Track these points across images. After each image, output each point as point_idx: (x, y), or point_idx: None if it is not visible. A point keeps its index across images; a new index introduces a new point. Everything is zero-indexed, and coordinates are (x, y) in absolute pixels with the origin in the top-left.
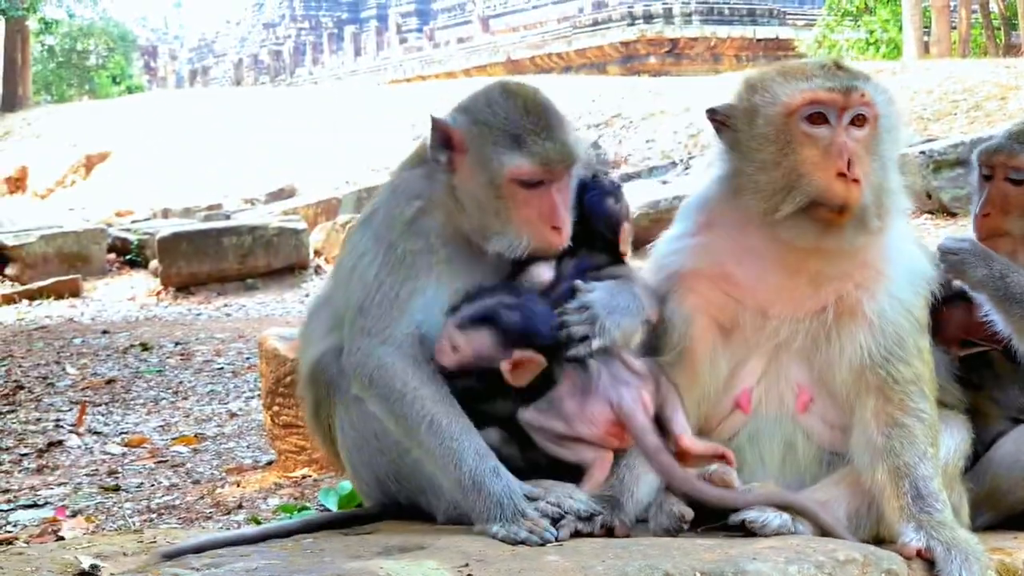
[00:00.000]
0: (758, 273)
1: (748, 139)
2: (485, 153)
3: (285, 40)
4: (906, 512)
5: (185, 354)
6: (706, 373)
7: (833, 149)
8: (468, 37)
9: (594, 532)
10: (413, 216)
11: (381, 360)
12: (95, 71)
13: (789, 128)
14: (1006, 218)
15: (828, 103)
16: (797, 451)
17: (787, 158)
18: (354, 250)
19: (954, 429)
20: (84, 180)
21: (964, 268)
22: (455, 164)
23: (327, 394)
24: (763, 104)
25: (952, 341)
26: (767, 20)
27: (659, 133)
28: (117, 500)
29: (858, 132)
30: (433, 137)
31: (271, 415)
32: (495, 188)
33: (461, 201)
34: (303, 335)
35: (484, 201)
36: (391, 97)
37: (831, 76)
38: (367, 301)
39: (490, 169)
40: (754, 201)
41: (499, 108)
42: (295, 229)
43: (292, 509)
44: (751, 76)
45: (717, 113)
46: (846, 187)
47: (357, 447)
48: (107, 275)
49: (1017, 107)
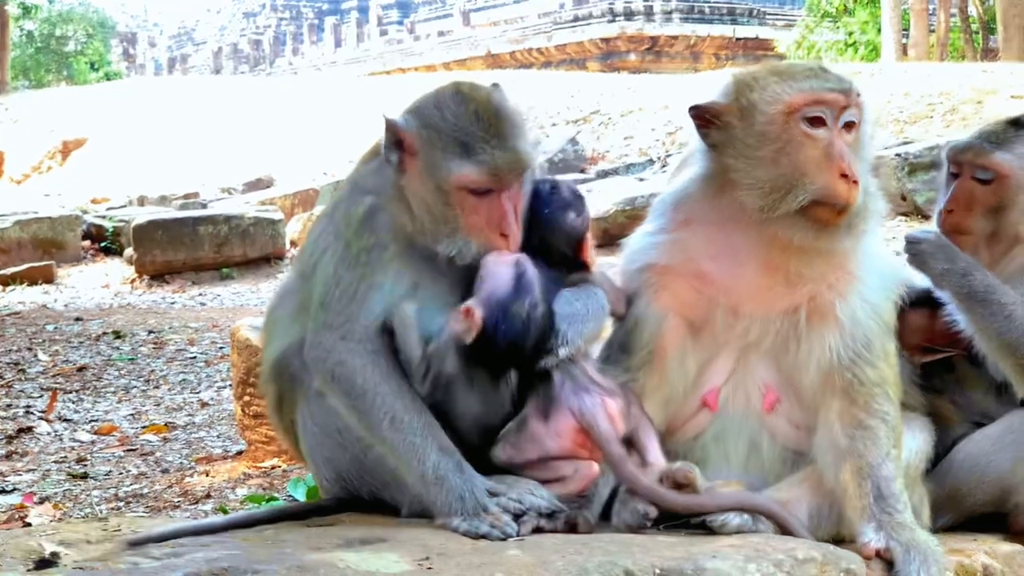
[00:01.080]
0: (734, 271)
1: (744, 136)
2: (434, 158)
3: (265, 29)
4: (867, 512)
5: (158, 343)
6: (675, 371)
7: (834, 150)
8: (448, 31)
9: (557, 528)
10: (366, 213)
11: (341, 356)
12: (73, 57)
13: (789, 127)
14: (969, 216)
15: (830, 103)
16: (762, 450)
17: (787, 157)
18: (316, 244)
19: (916, 431)
20: (60, 166)
21: (927, 260)
22: (405, 165)
23: (290, 388)
24: (762, 102)
25: (915, 348)
26: (747, 20)
27: (637, 130)
28: (85, 488)
29: (848, 135)
30: (386, 137)
31: (242, 405)
32: (443, 194)
33: (410, 202)
34: (267, 326)
35: (432, 205)
36: (370, 89)
37: (827, 78)
38: (328, 296)
39: (438, 175)
40: (750, 198)
41: (449, 113)
42: (272, 219)
43: (260, 499)
44: (743, 75)
45: (702, 110)
46: (848, 187)
47: (319, 442)
48: (81, 262)
49: (993, 111)
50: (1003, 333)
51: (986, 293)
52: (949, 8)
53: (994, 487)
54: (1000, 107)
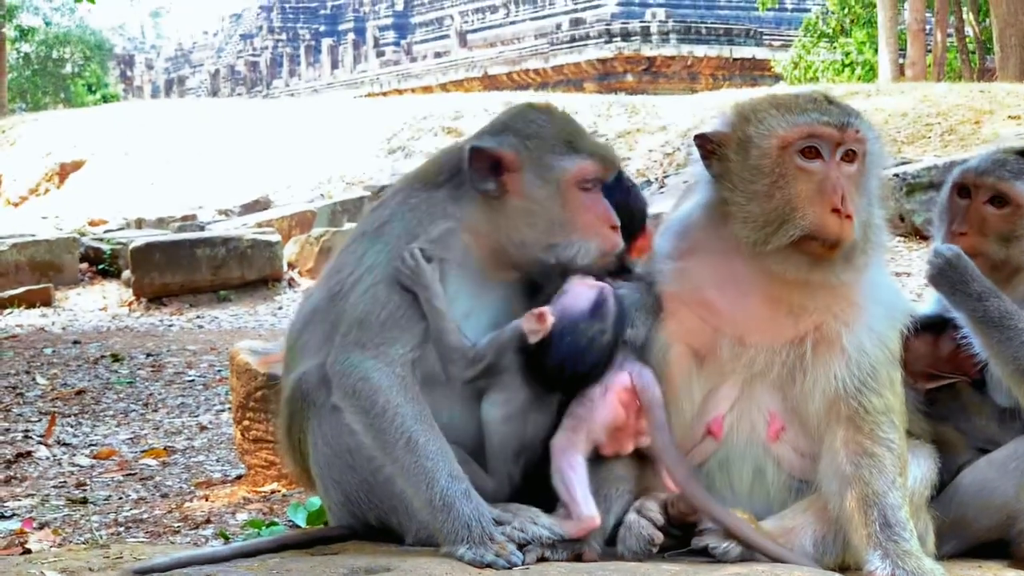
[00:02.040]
0: (738, 301)
1: (740, 169)
2: (544, 163)
3: (262, 51)
4: (873, 540)
5: (156, 366)
6: (680, 400)
7: (827, 184)
8: (445, 52)
9: (562, 558)
10: (440, 236)
11: (367, 373)
12: (71, 79)
13: (783, 161)
14: (983, 240)
15: (824, 137)
16: (767, 478)
17: (780, 191)
18: (359, 262)
19: (921, 459)
20: (58, 189)
21: (945, 279)
22: (507, 186)
23: (302, 408)
24: (757, 136)
25: (920, 375)
26: (744, 40)
27: (635, 151)
28: (85, 513)
29: (848, 168)
30: (477, 168)
31: (241, 429)
32: (559, 196)
33: (514, 222)
34: (290, 351)
35: (547, 213)
36: (367, 111)
37: (825, 110)
38: (371, 316)
39: (552, 176)
40: (744, 231)
41: (543, 120)
42: (269, 241)
43: (260, 524)
44: (744, 106)
45: (707, 140)
46: (839, 223)
47: (328, 463)
48: (79, 285)
49: (991, 131)
50: (1019, 359)
51: (1002, 318)
52: (946, 28)
53: (999, 513)
54: (997, 127)
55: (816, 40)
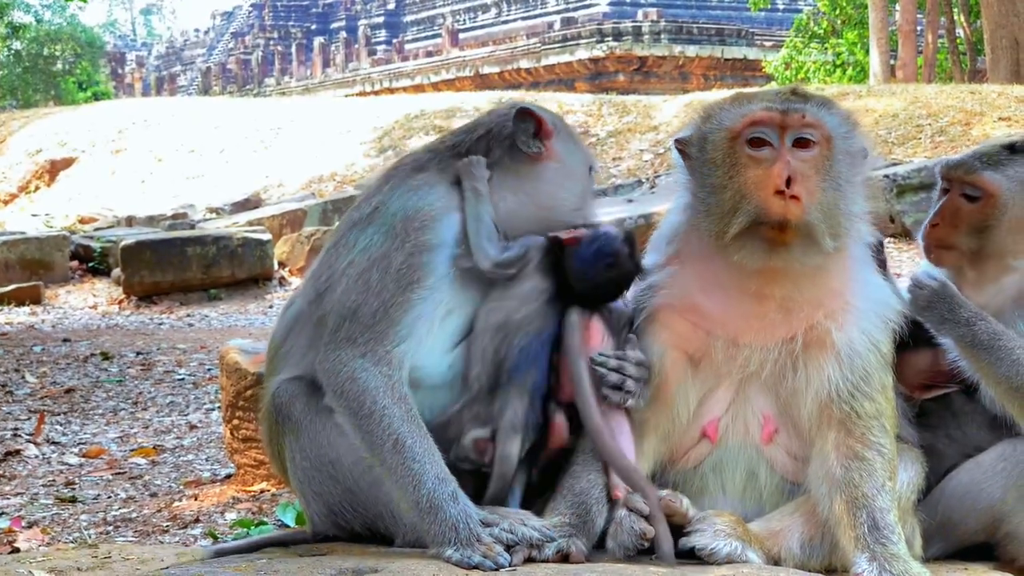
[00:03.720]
0: (726, 302)
1: (700, 165)
2: (571, 132)
3: (254, 49)
4: (861, 542)
5: (146, 364)
6: (676, 405)
7: (773, 168)
8: (437, 51)
9: (549, 558)
10: (439, 214)
11: (355, 373)
12: (62, 77)
13: (734, 151)
14: (954, 232)
15: (766, 122)
16: (759, 480)
17: (732, 180)
18: (351, 250)
19: (908, 463)
20: (48, 187)
21: (929, 308)
22: (547, 149)
23: (277, 422)
24: (710, 131)
25: (917, 387)
26: (735, 41)
27: (626, 151)
28: (73, 512)
29: (804, 153)
30: (523, 128)
31: (231, 429)
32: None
33: (547, 186)
34: (272, 359)
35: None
36: (359, 109)
37: (775, 99)
38: (363, 307)
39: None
40: (705, 224)
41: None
42: (260, 240)
43: (250, 524)
44: (707, 105)
45: (680, 143)
46: (783, 203)
47: (308, 477)
48: (69, 283)
49: (981, 133)
50: (1011, 378)
51: (991, 340)
52: (937, 29)
53: (985, 516)
54: (988, 129)
55: (807, 41)
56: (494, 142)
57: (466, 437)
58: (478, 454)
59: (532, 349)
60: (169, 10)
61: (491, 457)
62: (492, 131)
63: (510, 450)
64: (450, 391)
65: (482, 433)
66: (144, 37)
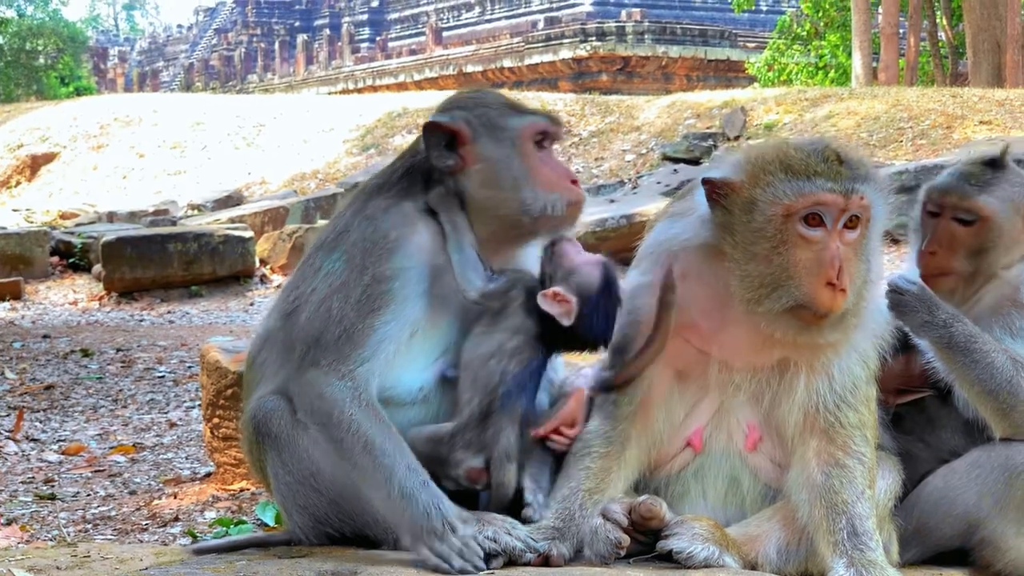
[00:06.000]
0: (727, 328)
1: (743, 229)
2: (497, 125)
3: (236, 46)
4: (840, 548)
5: (126, 361)
6: (661, 419)
7: (826, 256)
8: (420, 49)
9: (530, 562)
10: (400, 239)
11: (322, 390)
12: (44, 72)
13: (786, 228)
14: (953, 257)
15: (829, 205)
16: (742, 488)
17: (780, 256)
18: (315, 275)
19: (886, 471)
20: (29, 182)
21: (908, 311)
22: (466, 158)
23: (257, 439)
24: (763, 200)
25: (891, 392)
26: (718, 42)
27: (608, 151)
28: (53, 509)
29: (850, 234)
30: (433, 143)
31: (211, 427)
32: (517, 152)
33: (481, 190)
34: (248, 373)
35: (509, 171)
36: (341, 107)
37: (834, 175)
38: (326, 334)
39: (506, 136)
40: (740, 289)
41: (483, 94)
42: (242, 237)
43: (229, 523)
44: (754, 161)
45: (714, 185)
46: (832, 296)
47: (292, 491)
48: (49, 278)
49: (962, 136)
50: (984, 380)
51: (967, 343)
52: (919, 32)
53: (960, 522)
54: (969, 132)
55: (790, 42)
56: (431, 167)
57: (459, 467)
58: (471, 482)
59: (523, 378)
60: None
61: (484, 485)
62: (417, 159)
63: (506, 478)
64: (424, 408)
65: (476, 463)
66: (127, 32)
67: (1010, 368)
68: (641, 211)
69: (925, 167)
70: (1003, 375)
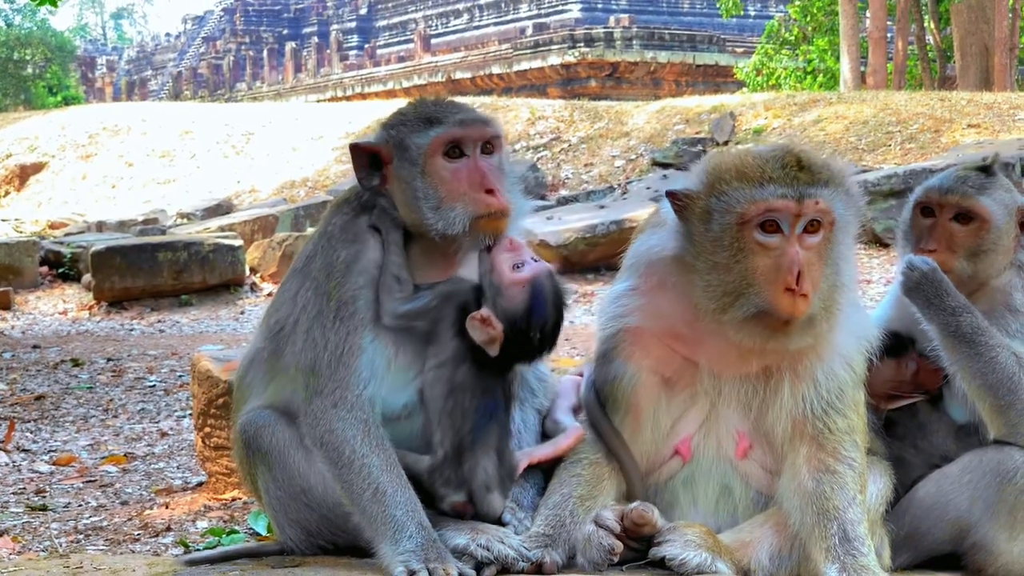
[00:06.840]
0: (709, 337)
1: (703, 239)
2: (405, 145)
3: (225, 54)
4: (832, 553)
5: (117, 371)
6: (649, 428)
7: (784, 261)
8: (409, 56)
9: (523, 569)
10: (353, 260)
11: (331, 425)
12: (32, 81)
13: (743, 236)
14: (952, 256)
15: (782, 210)
16: (734, 495)
17: (738, 264)
18: (294, 302)
19: (877, 475)
20: (18, 192)
21: (918, 291)
22: (387, 177)
23: (246, 455)
24: (718, 209)
25: (882, 397)
26: (707, 47)
27: (597, 157)
28: (44, 520)
29: (811, 239)
30: (358, 165)
31: (202, 437)
32: (422, 171)
33: (401, 209)
34: (238, 391)
35: (414, 191)
36: (331, 114)
37: (789, 180)
38: (318, 362)
39: (412, 156)
40: (703, 300)
41: (407, 109)
42: (231, 246)
43: (221, 532)
44: (711, 169)
45: (675, 197)
46: (793, 301)
47: (284, 506)
48: (39, 288)
49: (950, 140)
50: (985, 374)
51: (973, 334)
52: (907, 36)
53: (952, 527)
54: (957, 136)
55: (778, 47)
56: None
57: (443, 503)
58: (458, 514)
59: (487, 408)
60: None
61: (472, 515)
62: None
63: (491, 508)
64: (408, 424)
65: (459, 498)
66: (115, 41)
67: (1013, 365)
68: (631, 217)
69: (914, 171)
70: (1005, 371)
